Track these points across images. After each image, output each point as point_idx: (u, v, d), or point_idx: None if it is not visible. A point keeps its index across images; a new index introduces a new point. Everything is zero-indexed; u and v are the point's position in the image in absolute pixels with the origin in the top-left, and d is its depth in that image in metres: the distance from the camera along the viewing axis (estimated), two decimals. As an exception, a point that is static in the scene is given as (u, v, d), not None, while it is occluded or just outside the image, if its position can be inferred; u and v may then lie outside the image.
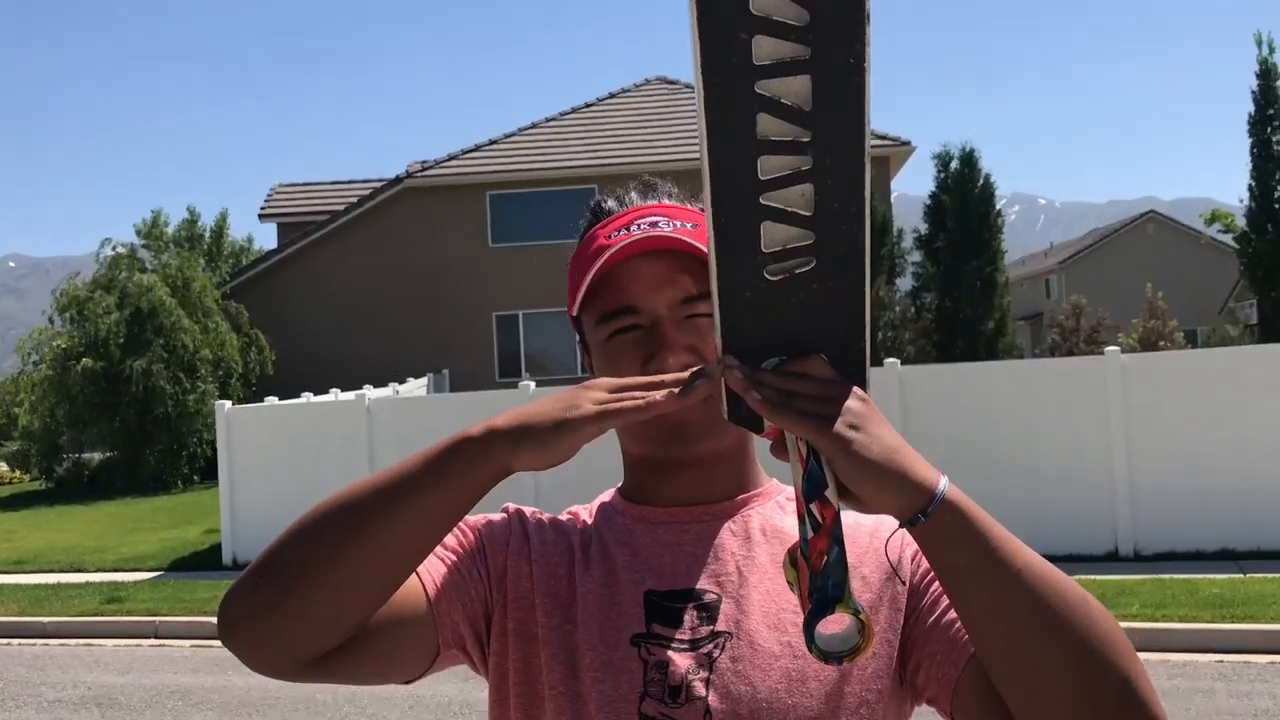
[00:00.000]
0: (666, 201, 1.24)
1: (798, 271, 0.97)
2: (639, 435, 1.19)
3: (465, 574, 1.18)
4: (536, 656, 1.16)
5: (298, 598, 1.00)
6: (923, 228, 24.49)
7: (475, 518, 1.24)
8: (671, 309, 1.16)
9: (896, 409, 10.64)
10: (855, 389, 1.00)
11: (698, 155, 0.97)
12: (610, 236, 1.18)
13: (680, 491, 1.20)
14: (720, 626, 1.14)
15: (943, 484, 0.98)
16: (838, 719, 1.12)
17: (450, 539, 1.20)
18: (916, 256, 24.40)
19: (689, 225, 1.17)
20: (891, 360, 11.10)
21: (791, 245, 0.96)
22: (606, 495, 1.29)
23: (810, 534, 0.96)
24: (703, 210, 1.22)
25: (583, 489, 1.36)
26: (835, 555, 0.95)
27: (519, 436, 1.01)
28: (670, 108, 26.19)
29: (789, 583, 1.01)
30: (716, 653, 1.12)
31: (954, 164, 23.57)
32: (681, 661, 1.12)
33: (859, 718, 1.13)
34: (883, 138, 24.40)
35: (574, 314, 1.23)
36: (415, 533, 1.02)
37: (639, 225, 1.18)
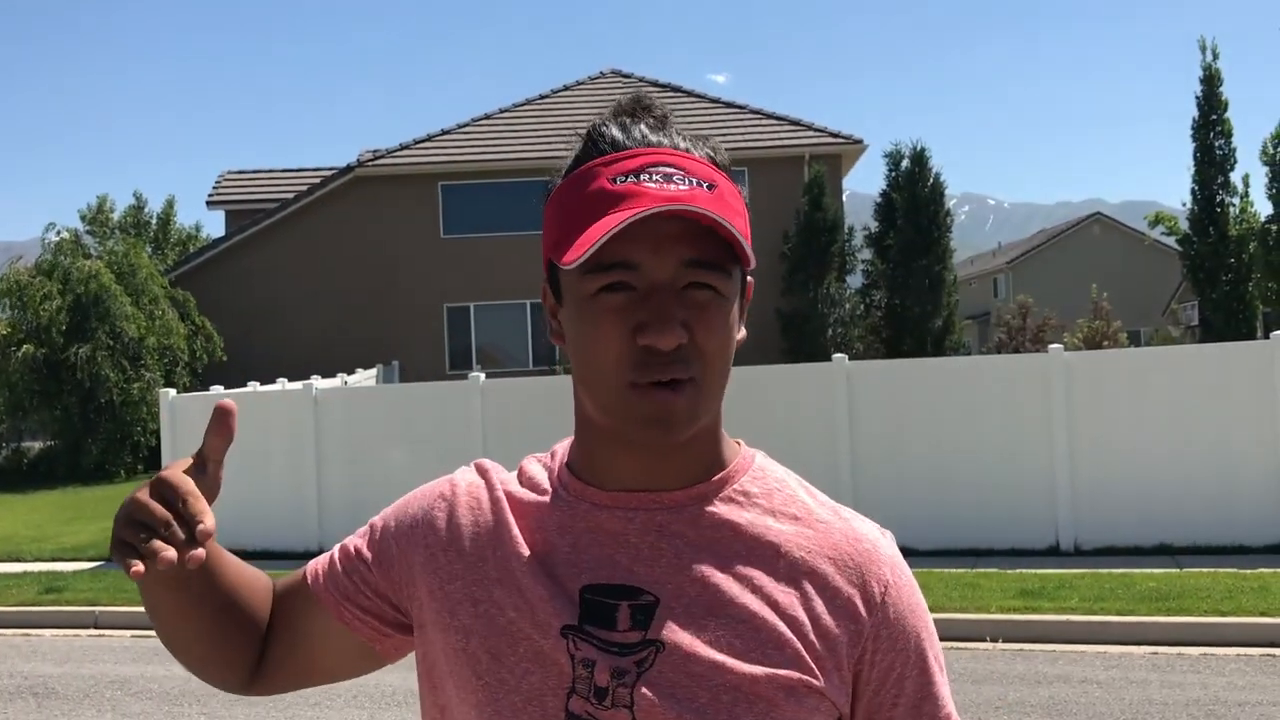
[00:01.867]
0: (681, 144, 1.07)
1: None
2: (609, 408, 1.05)
3: (358, 585, 1.20)
4: (463, 644, 1.10)
5: (181, 661, 1.23)
6: (873, 225, 24.70)
7: (390, 509, 1.23)
8: (675, 274, 1.01)
9: (844, 404, 10.73)
10: None
11: None
12: (616, 181, 1.03)
13: (632, 475, 1.09)
14: (653, 634, 1.04)
15: None
16: None
17: (353, 542, 1.23)
18: (867, 254, 24.61)
19: (705, 186, 1.03)
20: (839, 356, 11.19)
21: None
22: (563, 452, 1.19)
23: None
24: (713, 159, 1.09)
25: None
26: None
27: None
28: (625, 101, 26.19)
29: None
30: (647, 663, 1.03)
31: (905, 163, 23.80)
32: (608, 664, 1.04)
33: None
34: (835, 135, 24.55)
35: (553, 258, 1.06)
36: (178, 623, 1.18)
37: (651, 175, 1.02)
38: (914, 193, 23.20)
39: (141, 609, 8.42)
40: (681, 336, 1.00)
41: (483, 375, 12.22)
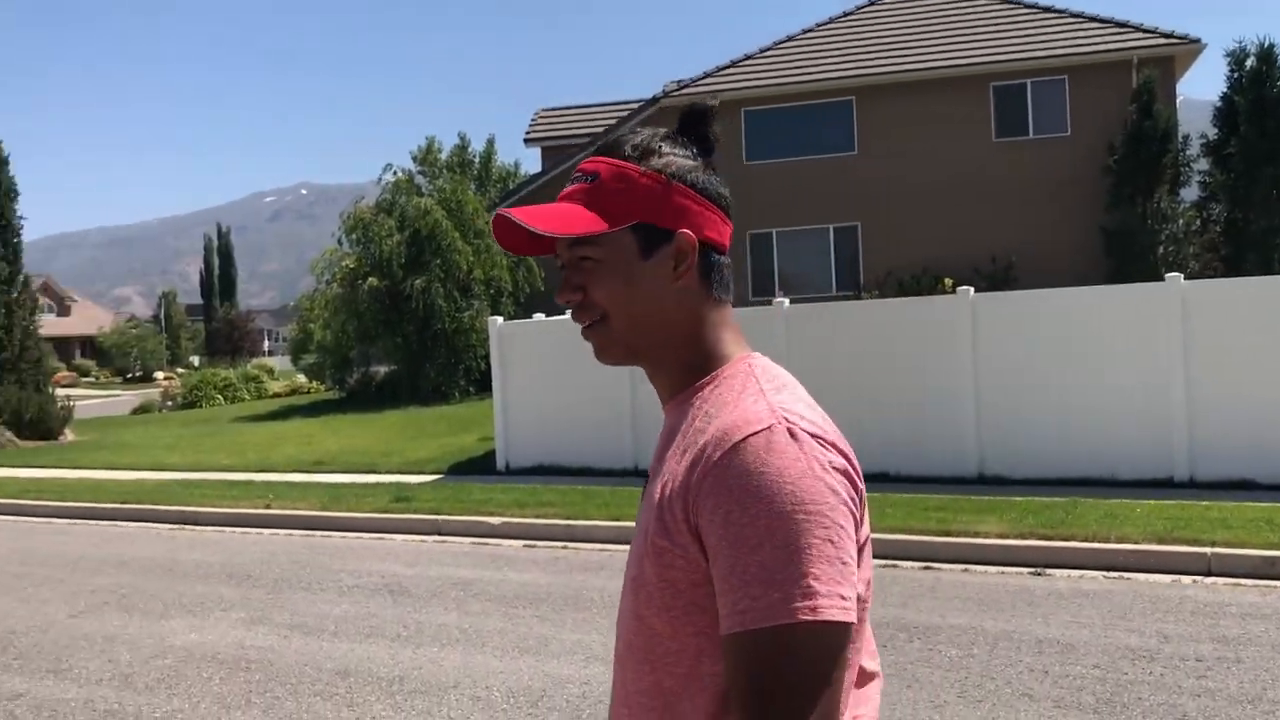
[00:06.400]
0: (622, 148, 1.36)
1: None
2: None
3: None
4: None
5: None
6: (1211, 133, 22.61)
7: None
8: (567, 254, 1.34)
9: (1178, 329, 10.01)
10: None
11: (963, 61, 0.89)
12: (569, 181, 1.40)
13: (656, 388, 1.39)
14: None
15: None
16: (647, 609, 1.23)
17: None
18: (1203, 165, 22.59)
19: (587, 180, 1.34)
20: (1174, 275, 10.38)
21: None
22: None
23: None
24: (631, 153, 1.35)
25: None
26: None
27: None
28: (935, 13, 25.14)
29: None
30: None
31: (1250, 62, 21.55)
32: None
33: (664, 617, 1.21)
34: (1167, 36, 22.58)
35: None
36: None
37: (572, 176, 1.39)
38: (1260, 95, 20.99)
39: (478, 518, 9.21)
40: (574, 296, 1.34)
41: (786, 301, 12.28)
